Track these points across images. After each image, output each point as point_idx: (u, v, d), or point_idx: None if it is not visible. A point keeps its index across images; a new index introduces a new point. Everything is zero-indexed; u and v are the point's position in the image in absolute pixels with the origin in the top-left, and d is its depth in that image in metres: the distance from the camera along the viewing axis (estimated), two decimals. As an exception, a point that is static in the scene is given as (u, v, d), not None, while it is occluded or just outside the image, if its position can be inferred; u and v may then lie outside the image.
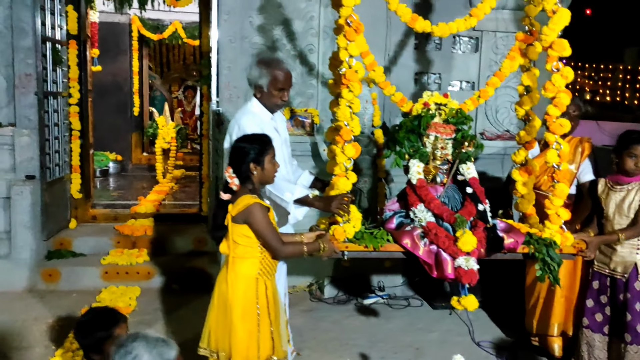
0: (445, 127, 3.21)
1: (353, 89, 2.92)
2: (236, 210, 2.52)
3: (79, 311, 4.21)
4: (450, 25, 3.42)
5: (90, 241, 5.15)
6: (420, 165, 3.18)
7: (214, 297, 2.70)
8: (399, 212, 3.19)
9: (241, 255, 2.59)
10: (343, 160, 2.96)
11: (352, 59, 2.94)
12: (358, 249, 2.94)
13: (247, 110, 3.07)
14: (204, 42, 5.58)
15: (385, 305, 4.72)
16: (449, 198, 3.14)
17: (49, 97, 4.88)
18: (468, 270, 2.82)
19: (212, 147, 5.41)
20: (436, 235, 2.89)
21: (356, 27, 2.91)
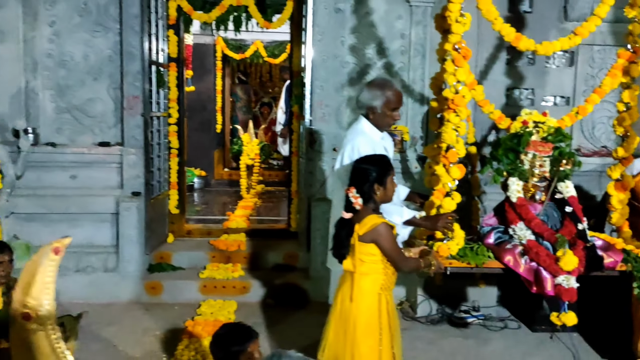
0: (544, 145, 3.28)
1: (460, 114, 3.07)
2: (364, 229, 2.60)
3: (182, 323, 4.40)
4: (554, 44, 3.46)
5: (187, 255, 5.34)
6: (520, 184, 3.27)
7: (334, 312, 2.78)
8: (497, 227, 3.31)
9: (366, 272, 2.68)
10: (448, 181, 3.14)
11: (459, 84, 3.03)
12: (461, 265, 3.10)
13: (359, 130, 3.15)
14: (294, 62, 5.71)
15: (481, 326, 4.61)
16: (547, 216, 3.22)
17: (152, 117, 5.14)
18: (568, 288, 2.93)
19: (303, 165, 5.51)
20: (537, 254, 3.01)
21: (465, 54, 3.02)
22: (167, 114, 5.50)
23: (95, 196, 4.97)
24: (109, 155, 4.98)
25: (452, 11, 3.07)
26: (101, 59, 4.99)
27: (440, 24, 3.39)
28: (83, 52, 4.97)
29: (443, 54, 3.28)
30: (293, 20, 5.64)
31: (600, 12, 3.44)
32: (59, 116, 5.03)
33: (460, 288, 4.90)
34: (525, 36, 5.02)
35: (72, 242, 4.93)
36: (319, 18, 5.02)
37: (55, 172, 4.95)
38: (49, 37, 4.93)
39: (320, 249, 4.97)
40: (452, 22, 3.08)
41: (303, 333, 4.10)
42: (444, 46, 3.25)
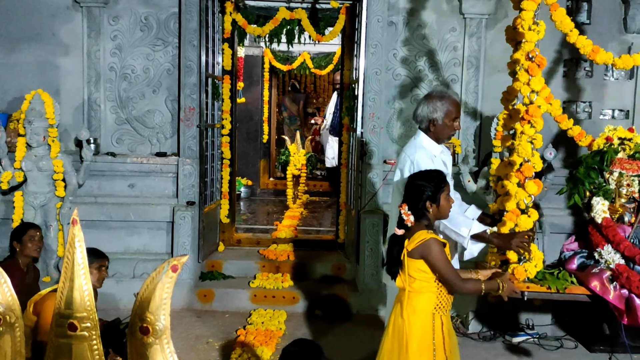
0: (632, 163, 3.12)
1: (535, 125, 2.91)
2: (412, 245, 2.56)
3: (234, 332, 4.46)
4: (635, 57, 3.30)
5: (237, 264, 5.41)
6: (605, 204, 3.10)
7: (388, 330, 2.73)
8: (580, 252, 3.12)
9: (418, 290, 2.61)
10: (524, 197, 2.93)
11: (533, 94, 2.90)
12: (540, 290, 2.87)
13: (418, 145, 3.12)
14: (345, 75, 5.75)
15: (535, 345, 4.50)
16: (638, 239, 3.03)
17: (207, 128, 5.26)
18: None
19: (352, 176, 5.52)
20: (628, 279, 2.80)
21: (539, 62, 2.88)
22: (220, 125, 5.61)
23: (152, 205, 5.11)
24: (165, 165, 5.12)
25: (524, 19, 2.95)
26: (160, 72, 5.15)
27: (511, 35, 3.26)
28: (143, 65, 5.14)
29: (514, 65, 3.15)
30: (345, 33, 5.68)
31: None
32: (120, 127, 5.21)
33: (514, 305, 4.80)
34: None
35: (130, 249, 5.15)
36: (371, 31, 5.05)
37: (114, 181, 5.12)
38: (112, 51, 5.12)
39: (369, 261, 4.97)
40: (524, 31, 2.95)
41: (352, 346, 4.11)
42: (514, 56, 3.12)
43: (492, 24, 5.13)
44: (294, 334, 4.51)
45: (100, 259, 3.13)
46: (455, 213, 2.86)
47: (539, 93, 2.99)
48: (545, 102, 3.25)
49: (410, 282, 2.61)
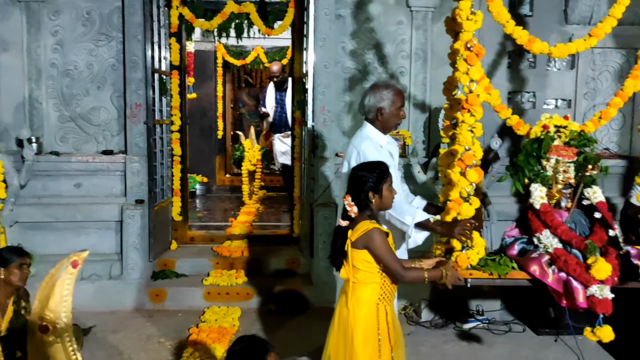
0: (567, 149, 3.18)
1: (475, 113, 2.93)
2: (355, 235, 2.58)
3: (187, 330, 4.40)
4: (570, 46, 3.41)
5: (190, 262, 5.35)
6: (543, 190, 3.15)
7: (334, 322, 2.74)
8: (520, 238, 3.16)
9: (362, 281, 2.63)
10: (465, 185, 2.96)
11: (472, 83, 2.95)
12: (482, 276, 2.91)
13: (364, 136, 3.14)
14: (296, 68, 5.73)
15: (485, 330, 4.61)
16: (575, 223, 3.09)
17: (155, 125, 5.16)
18: (602, 299, 2.72)
19: (305, 170, 5.52)
20: (566, 263, 2.83)
21: (477, 52, 2.93)
22: (169, 122, 5.52)
23: (100, 204, 4.99)
24: (112, 164, 5.00)
25: (462, 9, 2.98)
26: (104, 68, 5.03)
27: (450, 26, 3.31)
28: (87, 61, 5.01)
29: (454, 55, 3.18)
30: (294, 27, 5.66)
31: (615, 13, 3.37)
32: (63, 125, 5.06)
33: (464, 293, 4.90)
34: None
35: (77, 250, 4.99)
36: (320, 24, 5.05)
37: (60, 181, 4.98)
38: (53, 47, 4.97)
39: (323, 254, 4.98)
40: (462, 21, 2.98)
41: (305, 339, 4.12)
42: (454, 46, 3.16)
43: (438, 17, 5.19)
44: (248, 329, 4.49)
45: (22, 257, 3.03)
46: (400, 202, 2.89)
47: (478, 82, 3.04)
48: (485, 92, 3.32)
49: (354, 272, 2.62)
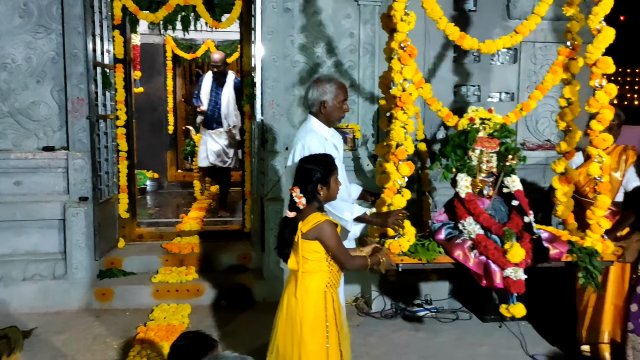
0: (490, 141, 3.35)
1: (407, 111, 3.08)
2: (307, 227, 2.62)
3: (134, 329, 4.32)
4: (497, 42, 3.54)
5: (139, 260, 5.25)
6: (468, 179, 3.33)
7: (281, 312, 2.78)
8: (447, 223, 3.36)
9: (310, 270, 2.68)
10: (397, 178, 3.12)
11: (405, 81, 3.09)
12: (412, 262, 3.13)
13: (309, 129, 3.17)
14: (245, 62, 5.69)
15: (433, 318, 4.72)
16: (495, 210, 3.28)
17: (99, 120, 5.02)
18: (516, 280, 3.00)
19: (255, 165, 5.49)
20: (486, 248, 3.06)
21: (410, 52, 3.07)
22: (114, 116, 5.38)
23: (42, 202, 4.83)
24: (54, 160, 4.85)
25: (396, 10, 3.08)
26: (44, 61, 4.85)
27: (386, 22, 3.43)
28: (25, 54, 4.82)
29: (390, 52, 3.31)
30: (242, 20, 5.61)
31: (540, 11, 3.51)
32: (1, 120, 4.87)
33: (413, 282, 5.00)
34: (470, 34, 5.20)
35: (19, 250, 4.84)
36: (267, 17, 5.01)
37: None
38: (-13, 39, 4.76)
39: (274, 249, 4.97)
40: (397, 21, 3.08)
41: (256, 334, 4.11)
42: (390, 45, 3.28)
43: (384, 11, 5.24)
44: (198, 326, 4.44)
45: None
46: (338, 199, 2.95)
47: (412, 80, 3.16)
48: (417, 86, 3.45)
49: (303, 262, 2.67)
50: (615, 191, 3.70)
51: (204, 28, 6.31)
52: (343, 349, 2.74)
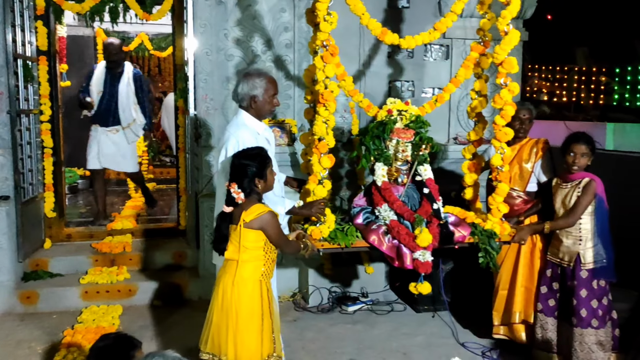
0: (406, 131, 3.55)
1: (329, 108, 3.21)
2: (251, 217, 2.71)
3: (61, 333, 4.14)
4: (416, 38, 3.67)
5: (67, 261, 5.03)
6: (385, 168, 3.53)
7: (216, 302, 2.82)
8: (365, 208, 3.57)
9: (247, 260, 2.77)
10: (319, 170, 3.28)
11: (328, 79, 3.21)
12: (332, 247, 3.33)
13: (240, 123, 3.18)
14: (177, 55, 5.54)
15: (369, 311, 4.77)
16: (408, 197, 3.52)
17: (21, 115, 4.77)
18: (424, 262, 3.28)
19: (189, 160, 5.37)
20: (398, 233, 3.31)
21: (332, 51, 3.21)
22: (38, 111, 5.12)
23: (-43, 202, 4.53)
24: (-29, 157, 4.56)
25: (319, 10, 3.14)
26: (-42, 52, 4.55)
27: (311, 18, 3.48)
28: (-64, 44, 4.51)
29: (315, 47, 3.36)
30: (174, 12, 5.46)
31: (456, 9, 3.75)
32: None
33: (350, 276, 5.04)
34: (404, 30, 5.34)
35: None
36: (200, 10, 4.91)
37: None
38: None
39: (209, 246, 4.80)
40: (320, 20, 3.16)
41: (189, 333, 4.03)
42: (315, 41, 3.33)
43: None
44: (129, 327, 4.32)
45: None
46: (270, 193, 3.02)
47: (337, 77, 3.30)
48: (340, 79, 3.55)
49: (242, 251, 2.75)
50: (526, 181, 3.94)
51: (136, 20, 6.10)
52: (276, 335, 2.84)
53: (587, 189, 3.51)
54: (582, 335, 3.52)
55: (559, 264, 3.67)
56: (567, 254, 3.61)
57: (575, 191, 3.56)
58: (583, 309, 3.52)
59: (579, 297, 3.53)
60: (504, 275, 3.98)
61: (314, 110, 3.39)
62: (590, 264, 3.53)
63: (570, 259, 3.59)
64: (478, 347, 4.10)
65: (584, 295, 3.52)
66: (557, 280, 3.70)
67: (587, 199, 3.50)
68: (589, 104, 15.74)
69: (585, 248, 3.54)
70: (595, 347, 3.51)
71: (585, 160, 3.55)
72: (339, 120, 5.18)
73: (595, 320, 3.51)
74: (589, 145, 3.55)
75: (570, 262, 3.58)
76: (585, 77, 15.81)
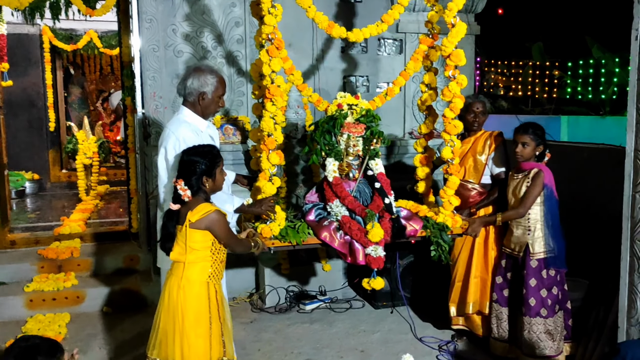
0: (357, 126, 3.46)
1: (276, 103, 3.12)
2: (197, 216, 2.60)
3: (3, 344, 3.92)
4: (364, 31, 3.62)
5: (10, 268, 4.82)
6: (336, 164, 3.46)
7: (162, 305, 2.73)
8: (318, 204, 3.50)
9: (194, 261, 2.67)
10: (268, 167, 3.18)
11: (274, 74, 3.11)
12: (283, 245, 3.25)
13: (181, 119, 3.09)
14: (124, 52, 5.35)
15: (327, 309, 4.71)
16: (360, 192, 3.46)
17: (-46, 116, 4.52)
18: (376, 257, 3.22)
19: (139, 160, 5.20)
20: (350, 229, 3.27)
21: (278, 45, 3.11)
22: (-25, 112, 4.87)
23: None
24: None
25: (264, 2, 3.04)
26: None
27: (256, 10, 3.39)
28: None
29: (261, 41, 3.27)
30: (120, 7, 5.27)
31: (403, 2, 3.64)
32: None
33: (308, 274, 4.97)
34: (356, 24, 5.28)
35: None
36: (145, 4, 4.73)
37: None
38: None
39: (162, 248, 4.73)
40: (265, 13, 3.07)
41: (142, 338, 3.86)
42: (260, 34, 3.24)
43: (271, 0, 5.13)
44: (77, 335, 4.15)
45: None
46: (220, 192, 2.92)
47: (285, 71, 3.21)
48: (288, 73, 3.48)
49: (188, 252, 2.65)
50: (481, 173, 3.92)
51: (82, 17, 5.88)
52: (226, 339, 2.74)
53: (535, 180, 3.51)
54: (531, 324, 3.54)
55: (510, 254, 3.68)
56: (517, 244, 3.62)
57: (524, 182, 3.57)
58: (532, 298, 3.53)
59: (528, 286, 3.54)
60: (459, 267, 3.98)
61: (262, 106, 3.30)
62: (539, 253, 3.54)
63: (520, 249, 3.60)
64: (435, 342, 4.08)
65: (532, 285, 3.53)
66: (510, 270, 3.71)
67: (536, 189, 3.50)
68: (544, 98, 16.11)
69: (534, 238, 3.55)
70: (543, 335, 3.53)
71: (529, 150, 3.54)
72: (293, 116, 5.10)
73: (544, 310, 3.52)
74: (532, 135, 3.53)
75: (520, 252, 3.59)
76: (539, 71, 16.16)
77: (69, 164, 9.58)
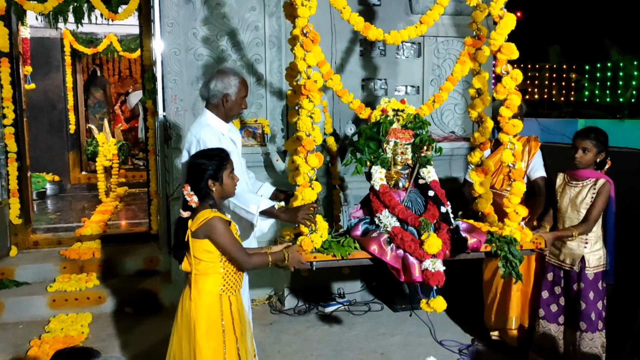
0: (404, 132, 3.21)
1: (313, 99, 2.90)
2: (196, 225, 2.47)
3: (27, 343, 4.00)
4: (402, 33, 3.47)
5: (33, 268, 4.88)
6: (382, 172, 3.17)
7: (177, 316, 2.64)
8: (364, 218, 3.19)
9: (203, 272, 2.54)
10: (306, 171, 2.94)
11: (310, 69, 2.93)
12: (326, 259, 2.90)
13: (203, 123, 3.05)
14: (145, 56, 5.42)
15: (346, 312, 4.71)
16: (411, 202, 3.14)
17: (-19, 118, 4.60)
18: (435, 272, 2.81)
19: (159, 163, 5.25)
20: (402, 240, 2.89)
21: (313, 38, 2.90)
22: (1, 115, 4.95)
23: None
24: None
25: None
26: None
27: (289, 11, 3.26)
28: None
29: (294, 42, 3.14)
30: (141, 11, 5.34)
31: (442, 2, 3.49)
32: None
33: (326, 277, 4.98)
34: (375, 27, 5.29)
35: None
36: (167, 9, 4.78)
37: None
38: None
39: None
40: (298, 6, 2.93)
41: (162, 340, 3.88)
42: (293, 34, 3.11)
43: (287, 2, 5.17)
44: (99, 335, 4.20)
45: None
46: (244, 191, 2.84)
47: (319, 68, 3.03)
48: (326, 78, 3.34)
49: (195, 264, 2.53)
50: None
51: (103, 21, 5.95)
52: (242, 353, 2.59)
53: (602, 192, 3.34)
54: (593, 339, 3.38)
55: (559, 266, 3.51)
56: (569, 256, 3.45)
57: (589, 192, 3.38)
58: (592, 312, 3.36)
59: (587, 300, 3.35)
60: (499, 280, 3.80)
61: (297, 113, 3.04)
62: (595, 267, 3.39)
63: (572, 261, 3.44)
64: (456, 345, 4.07)
65: (591, 298, 3.36)
66: (559, 284, 3.53)
67: (604, 203, 3.33)
68: (561, 101, 15.95)
69: (590, 251, 3.40)
70: (601, 350, 3.41)
71: (590, 157, 3.36)
72: (312, 120, 5.11)
73: (600, 323, 3.39)
74: (594, 141, 3.34)
75: (573, 265, 3.43)
76: (556, 74, 16.03)
77: (88, 166, 9.71)
